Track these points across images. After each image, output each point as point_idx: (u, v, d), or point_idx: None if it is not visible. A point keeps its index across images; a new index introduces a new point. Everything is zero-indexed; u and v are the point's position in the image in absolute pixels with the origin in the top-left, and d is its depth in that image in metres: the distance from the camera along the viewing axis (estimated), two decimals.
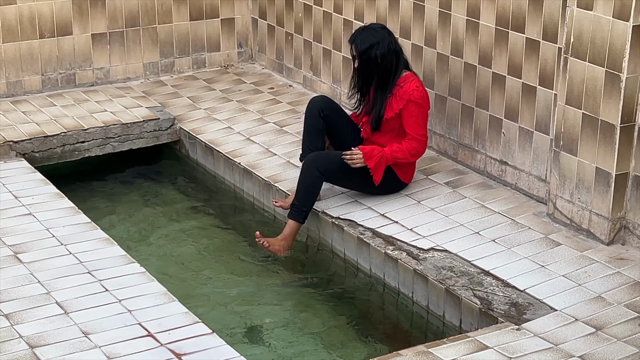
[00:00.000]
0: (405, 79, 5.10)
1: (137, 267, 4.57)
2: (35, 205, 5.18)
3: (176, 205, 5.87)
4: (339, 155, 5.11)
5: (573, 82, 4.71)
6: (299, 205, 5.05)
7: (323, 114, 5.24)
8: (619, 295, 4.30)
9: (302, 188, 5.05)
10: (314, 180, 5.03)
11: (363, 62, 5.07)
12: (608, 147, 4.61)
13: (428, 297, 4.57)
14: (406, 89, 5.07)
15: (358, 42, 5.06)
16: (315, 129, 5.24)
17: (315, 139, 5.23)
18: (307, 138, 5.27)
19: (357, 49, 5.07)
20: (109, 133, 6.18)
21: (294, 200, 5.09)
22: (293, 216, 5.06)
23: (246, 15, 7.35)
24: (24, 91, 6.67)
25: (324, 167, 5.04)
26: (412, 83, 5.08)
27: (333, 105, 5.34)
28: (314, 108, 5.27)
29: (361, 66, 5.10)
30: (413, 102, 5.06)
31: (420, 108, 5.09)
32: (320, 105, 5.27)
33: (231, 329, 4.52)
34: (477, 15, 5.34)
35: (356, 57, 5.09)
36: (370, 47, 5.04)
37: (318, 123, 5.24)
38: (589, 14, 4.57)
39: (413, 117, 5.07)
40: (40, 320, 4.10)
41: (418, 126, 5.09)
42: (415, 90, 5.06)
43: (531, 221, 4.97)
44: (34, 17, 6.59)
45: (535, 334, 4.05)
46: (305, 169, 5.05)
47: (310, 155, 5.10)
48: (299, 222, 5.06)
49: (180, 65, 7.21)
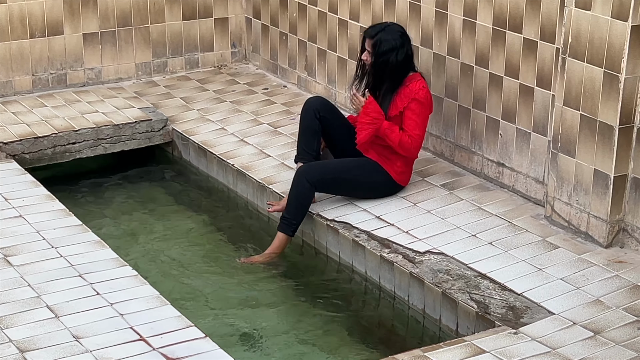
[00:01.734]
0: (412, 78, 5.09)
1: (128, 270, 4.54)
2: (26, 208, 5.15)
3: (169, 207, 5.84)
4: (331, 165, 5.13)
5: (571, 82, 4.69)
6: (289, 218, 5.04)
7: (319, 115, 5.21)
8: (617, 299, 4.28)
9: (293, 201, 5.03)
10: (305, 192, 5.02)
11: (380, 63, 5.03)
12: (606, 148, 4.58)
13: (424, 301, 4.54)
14: (412, 88, 5.06)
15: (379, 42, 5.01)
16: (311, 130, 5.22)
17: (311, 140, 5.21)
18: (302, 139, 5.25)
19: (376, 49, 5.02)
20: (100, 134, 6.14)
21: (284, 212, 5.06)
22: (283, 229, 5.05)
23: (240, 15, 7.32)
24: (14, 91, 6.64)
25: (315, 178, 5.02)
26: (419, 83, 5.07)
27: (329, 106, 5.32)
28: (309, 109, 5.24)
29: (376, 67, 5.05)
30: (417, 100, 5.04)
31: (422, 108, 5.06)
32: (316, 106, 5.24)
33: (224, 333, 4.50)
34: (474, 15, 5.31)
35: (370, 52, 5.04)
36: (391, 50, 5.01)
37: (314, 124, 5.21)
38: (587, 14, 4.54)
39: (414, 115, 5.05)
40: (30, 324, 4.07)
41: (416, 125, 5.05)
42: (421, 90, 5.05)
43: (529, 224, 4.95)
44: (24, 17, 6.55)
45: (532, 338, 4.03)
46: (297, 181, 5.03)
47: (303, 167, 5.09)
48: (288, 235, 5.05)
49: (173, 65, 7.18)
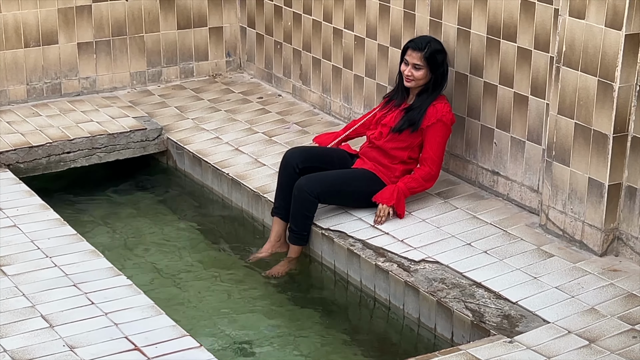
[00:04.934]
0: (439, 100, 5.14)
1: (123, 280, 4.53)
2: (20, 217, 5.14)
3: (163, 216, 5.84)
4: (330, 176, 5.13)
5: (565, 91, 4.70)
6: (298, 231, 5.08)
7: (298, 169, 5.16)
8: (612, 307, 4.28)
9: (298, 214, 5.05)
10: (307, 205, 5.04)
11: (430, 60, 5.08)
12: (601, 157, 4.59)
13: (419, 310, 4.54)
14: (439, 108, 5.11)
15: (433, 43, 5.10)
16: (289, 186, 5.14)
17: (289, 195, 5.12)
18: (280, 195, 5.19)
19: (430, 48, 5.07)
20: (95, 143, 6.14)
21: (291, 225, 5.10)
22: (295, 241, 5.10)
23: (235, 24, 7.33)
24: (9, 101, 6.63)
25: (316, 191, 5.03)
26: (446, 106, 5.14)
27: (310, 153, 5.28)
28: (288, 165, 5.18)
29: (439, 77, 5.12)
30: (443, 122, 5.09)
31: (447, 131, 5.13)
32: (295, 162, 5.17)
33: (219, 342, 4.50)
34: (468, 24, 5.32)
35: (420, 65, 5.07)
36: (440, 51, 5.12)
37: (293, 180, 5.13)
38: (581, 22, 4.55)
39: (438, 137, 5.10)
40: (25, 333, 4.06)
41: (438, 147, 5.11)
42: (448, 113, 5.12)
43: (523, 232, 4.95)
44: (19, 26, 6.55)
45: (528, 346, 4.03)
46: (297, 195, 5.03)
47: (302, 180, 5.07)
48: (301, 245, 5.12)
49: (168, 74, 7.18)
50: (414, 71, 5.09)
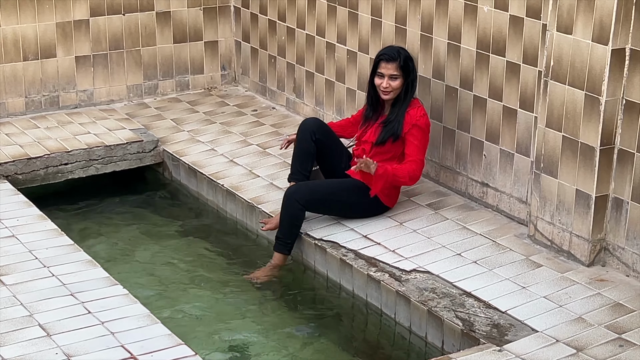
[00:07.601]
0: (412, 105, 5.18)
1: (120, 289, 4.55)
2: (18, 227, 5.17)
3: (159, 226, 5.87)
4: (320, 186, 5.20)
5: (553, 105, 4.75)
6: (283, 238, 5.12)
7: (315, 138, 5.29)
8: (599, 317, 4.32)
9: (285, 221, 5.11)
10: (296, 213, 5.10)
11: (404, 67, 5.12)
12: (588, 169, 4.64)
13: (410, 319, 4.57)
14: (412, 114, 5.14)
15: (408, 60, 5.13)
16: (306, 152, 5.29)
17: (306, 161, 5.29)
18: (297, 160, 5.31)
19: (402, 56, 5.12)
20: (92, 155, 6.17)
21: (278, 232, 5.14)
22: (279, 249, 5.14)
23: (230, 38, 7.38)
24: (7, 113, 6.66)
25: (304, 199, 5.09)
26: (420, 110, 5.17)
27: (324, 127, 5.39)
28: (306, 131, 5.31)
29: (411, 86, 5.16)
30: (418, 127, 5.13)
31: (424, 134, 5.16)
32: (312, 129, 5.31)
33: (214, 351, 4.51)
34: (459, 38, 5.38)
35: (396, 75, 5.11)
36: (410, 58, 5.17)
37: (309, 146, 5.28)
38: (568, 37, 4.61)
39: (415, 141, 5.13)
40: (22, 342, 4.08)
41: (419, 150, 5.15)
42: (423, 117, 5.15)
43: (512, 243, 5.00)
44: (17, 40, 6.59)
45: (516, 355, 4.06)
46: (286, 202, 5.09)
47: (292, 188, 5.14)
48: (284, 254, 5.14)
49: (164, 87, 7.23)
50: (391, 82, 5.12)
